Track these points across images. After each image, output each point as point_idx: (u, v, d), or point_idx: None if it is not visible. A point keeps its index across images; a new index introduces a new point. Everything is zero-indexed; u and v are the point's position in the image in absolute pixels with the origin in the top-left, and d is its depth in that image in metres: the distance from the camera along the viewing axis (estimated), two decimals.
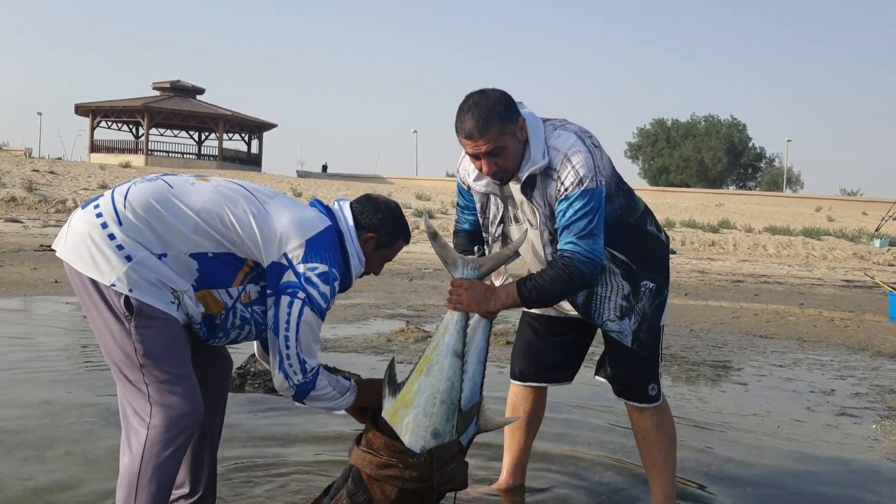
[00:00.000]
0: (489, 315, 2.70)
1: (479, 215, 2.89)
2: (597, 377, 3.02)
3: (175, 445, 2.28)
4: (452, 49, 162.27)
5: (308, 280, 2.30)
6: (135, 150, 46.83)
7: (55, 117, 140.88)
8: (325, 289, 2.33)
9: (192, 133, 51.72)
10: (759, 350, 7.42)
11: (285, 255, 2.30)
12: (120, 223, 2.21)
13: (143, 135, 47.47)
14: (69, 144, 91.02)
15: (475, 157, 2.60)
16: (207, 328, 2.38)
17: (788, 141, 63.54)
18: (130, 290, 2.19)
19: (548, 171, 2.61)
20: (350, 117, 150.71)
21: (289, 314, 2.31)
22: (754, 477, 3.63)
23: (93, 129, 47.89)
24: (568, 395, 4.80)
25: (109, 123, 49.66)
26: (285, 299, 2.30)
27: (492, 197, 2.81)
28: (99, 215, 2.24)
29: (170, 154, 48.75)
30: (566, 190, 2.56)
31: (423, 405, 2.53)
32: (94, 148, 47.32)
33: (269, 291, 2.33)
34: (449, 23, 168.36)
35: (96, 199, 2.32)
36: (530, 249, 2.78)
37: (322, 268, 2.31)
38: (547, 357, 3.07)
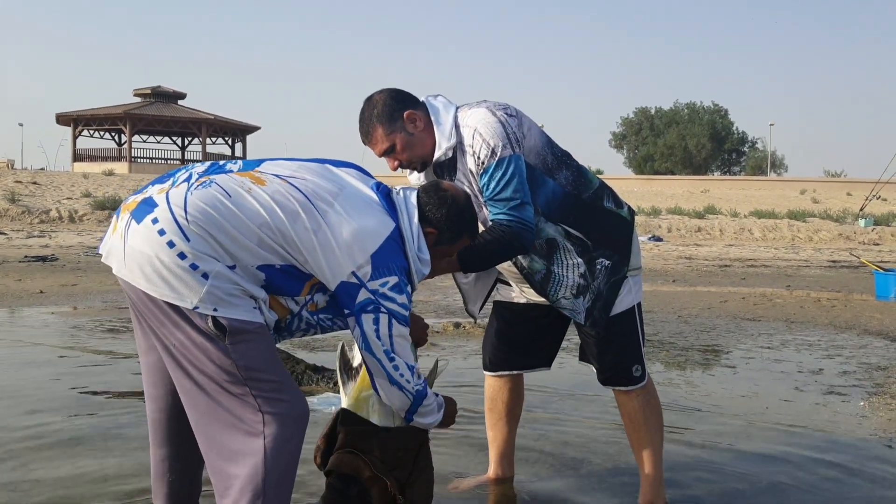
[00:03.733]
0: None
1: None
2: (582, 361, 3.01)
3: (290, 448, 2.19)
4: (434, 45, 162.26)
5: (384, 296, 2.20)
6: (118, 158, 46.58)
7: (36, 128, 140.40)
8: (402, 299, 2.24)
9: (174, 138, 51.53)
10: (747, 333, 7.45)
11: (354, 273, 2.18)
12: (187, 238, 2.06)
13: (125, 142, 47.25)
14: (52, 154, 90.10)
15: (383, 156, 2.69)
16: (272, 329, 2.28)
17: (771, 125, 64.13)
18: (215, 310, 2.07)
19: (462, 148, 2.65)
20: (333, 117, 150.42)
21: (378, 331, 2.22)
22: (743, 458, 3.64)
23: (75, 138, 47.67)
24: (555, 382, 4.81)
25: (91, 132, 49.45)
26: (369, 317, 2.21)
27: None
28: (162, 232, 2.07)
29: (153, 160, 48.53)
30: (482, 164, 2.60)
31: None
32: (77, 157, 47.10)
33: (346, 311, 2.23)
34: (431, 19, 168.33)
35: (147, 206, 2.13)
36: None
37: (392, 280, 2.22)
38: (518, 343, 3.06)
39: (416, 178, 2.84)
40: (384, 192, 2.36)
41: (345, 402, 2.58)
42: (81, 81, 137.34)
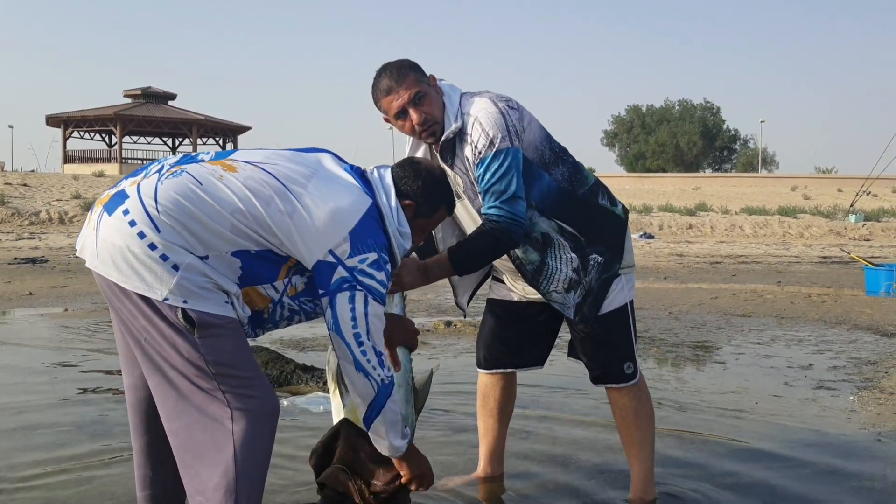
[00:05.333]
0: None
1: None
2: (570, 358, 3.01)
3: (262, 445, 2.17)
4: (426, 45, 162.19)
5: (362, 272, 2.17)
6: (108, 159, 46.47)
7: (27, 130, 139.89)
8: (381, 276, 2.21)
9: (165, 139, 51.41)
10: (738, 329, 7.47)
11: (331, 252, 2.15)
12: (157, 229, 2.04)
13: (116, 143, 47.14)
14: (42, 156, 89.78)
15: (401, 115, 2.62)
16: (254, 324, 2.25)
17: (762, 122, 64.30)
18: (185, 302, 2.04)
19: (462, 136, 2.65)
20: (325, 114, 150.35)
21: (353, 310, 2.17)
22: (732, 453, 3.64)
23: (65, 139, 47.52)
24: (545, 378, 4.81)
25: (82, 133, 49.30)
26: (344, 296, 2.16)
27: None
28: (133, 223, 2.05)
29: (144, 161, 48.33)
30: (480, 153, 2.59)
31: None
32: (68, 159, 46.95)
33: (321, 291, 2.18)
34: (423, 19, 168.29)
35: (119, 199, 2.12)
36: (470, 221, 2.78)
37: (372, 256, 2.18)
38: (512, 342, 3.06)
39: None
40: (359, 173, 2.36)
41: (344, 413, 2.57)
42: (72, 83, 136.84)
